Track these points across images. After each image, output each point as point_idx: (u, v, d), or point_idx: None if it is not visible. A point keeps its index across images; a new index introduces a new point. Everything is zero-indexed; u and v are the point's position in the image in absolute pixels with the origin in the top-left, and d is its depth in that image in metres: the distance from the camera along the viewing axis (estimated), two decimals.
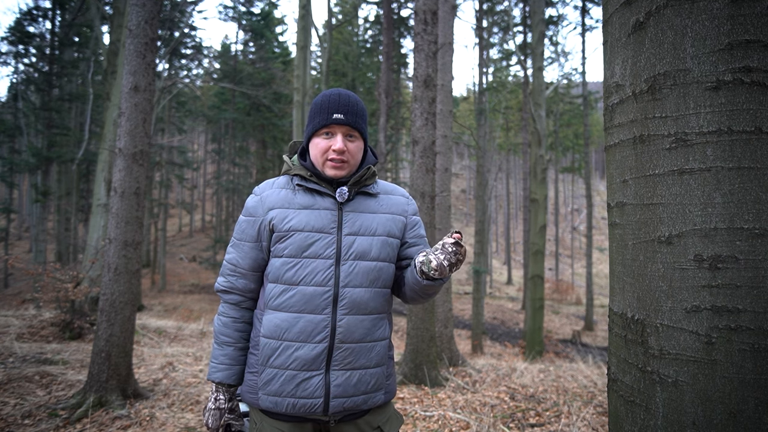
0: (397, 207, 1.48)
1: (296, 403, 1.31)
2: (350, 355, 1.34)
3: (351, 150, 1.40)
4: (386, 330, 1.43)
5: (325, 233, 1.35)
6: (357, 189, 1.43)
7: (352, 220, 1.39)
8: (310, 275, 1.33)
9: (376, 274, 1.38)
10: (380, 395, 1.40)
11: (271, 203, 1.40)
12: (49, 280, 6.57)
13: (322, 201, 1.39)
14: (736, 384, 0.91)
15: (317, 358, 1.31)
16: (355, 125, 1.40)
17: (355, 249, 1.36)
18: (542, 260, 10.28)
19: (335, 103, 1.39)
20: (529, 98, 10.95)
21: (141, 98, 3.97)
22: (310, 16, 12.87)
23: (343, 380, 1.32)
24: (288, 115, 23.80)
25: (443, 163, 6.33)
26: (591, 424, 3.59)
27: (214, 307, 19.28)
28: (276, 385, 1.32)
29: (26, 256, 23.72)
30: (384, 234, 1.41)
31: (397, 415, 1.50)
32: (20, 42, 18.79)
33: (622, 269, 1.11)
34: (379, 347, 1.39)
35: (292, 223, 1.36)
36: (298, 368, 1.31)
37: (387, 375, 1.44)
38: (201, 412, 3.88)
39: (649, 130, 1.02)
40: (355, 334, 1.34)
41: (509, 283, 29.53)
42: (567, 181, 55.28)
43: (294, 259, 1.34)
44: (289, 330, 1.32)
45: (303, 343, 1.31)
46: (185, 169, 28.84)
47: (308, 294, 1.33)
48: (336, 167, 1.39)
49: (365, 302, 1.36)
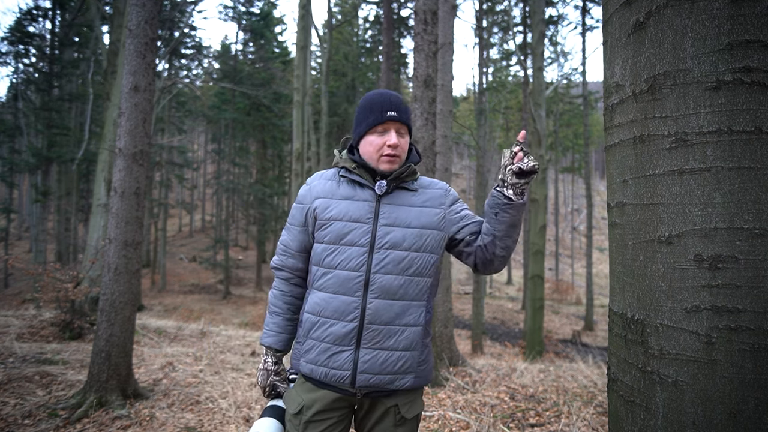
0: (434, 200, 1.55)
1: (328, 373, 1.44)
2: (378, 336, 1.43)
3: (402, 145, 1.52)
4: (420, 317, 1.48)
5: (361, 223, 1.46)
6: (397, 184, 1.52)
7: (389, 212, 1.48)
8: (346, 261, 1.45)
9: (408, 263, 1.45)
10: (409, 378, 1.46)
11: (317, 193, 1.54)
12: (49, 280, 6.56)
13: (362, 193, 1.51)
14: (736, 384, 0.91)
15: (348, 335, 1.43)
16: (406, 122, 1.53)
17: (389, 239, 1.45)
18: (542, 260, 10.28)
19: (387, 103, 1.51)
20: (529, 98, 10.95)
21: (141, 98, 3.96)
22: (310, 16, 12.86)
23: (370, 357, 1.42)
24: (288, 115, 23.80)
25: (443, 163, 6.33)
26: (591, 424, 3.59)
27: (214, 307, 19.27)
28: (313, 354, 1.46)
29: (26, 256, 23.71)
30: (418, 226, 1.48)
31: (422, 403, 1.57)
32: (20, 42, 18.79)
33: (622, 269, 1.11)
34: (409, 332, 1.45)
35: (333, 212, 1.49)
36: (331, 342, 1.44)
37: (420, 361, 1.49)
38: (201, 413, 3.89)
39: (649, 130, 1.02)
40: (383, 317, 1.43)
41: (509, 283, 29.52)
42: (567, 181, 55.26)
43: (333, 246, 1.47)
44: (326, 308, 1.46)
45: (337, 321, 1.44)
46: (185, 169, 28.83)
47: (343, 277, 1.45)
48: (390, 161, 1.50)
49: (395, 288, 1.44)
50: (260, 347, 6.61)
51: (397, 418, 1.48)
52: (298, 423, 1.47)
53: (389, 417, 1.48)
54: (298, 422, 1.47)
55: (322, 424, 1.46)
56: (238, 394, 4.31)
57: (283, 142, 27.06)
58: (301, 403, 1.48)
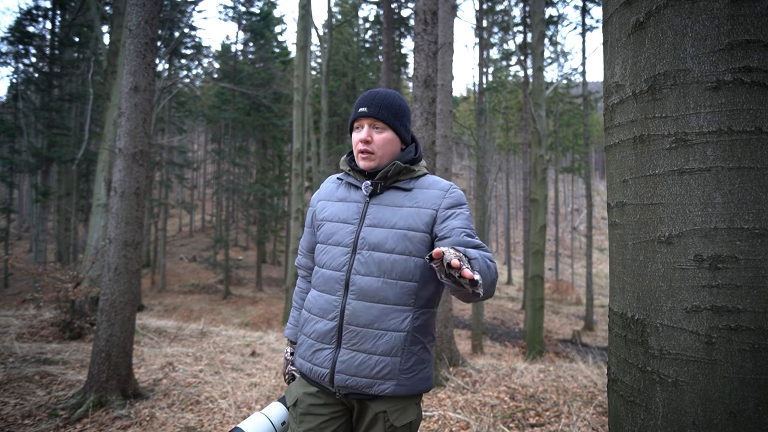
0: (428, 201, 1.45)
1: (312, 369, 1.47)
2: (356, 337, 1.42)
3: (377, 141, 1.48)
4: (404, 323, 1.40)
5: (348, 223, 1.48)
6: (388, 183, 1.49)
7: (375, 212, 1.47)
8: (330, 260, 1.48)
9: (390, 266, 1.41)
10: (390, 385, 1.39)
11: (320, 195, 1.62)
12: (49, 280, 6.56)
13: (355, 194, 1.52)
14: (736, 384, 0.91)
15: (328, 333, 1.45)
16: (378, 116, 1.47)
17: (370, 240, 1.43)
18: (542, 260, 10.28)
19: (363, 99, 1.51)
20: (529, 98, 10.95)
21: (141, 98, 3.96)
22: (310, 16, 12.86)
23: (347, 358, 1.41)
24: (288, 115, 23.80)
25: (443, 163, 6.33)
26: (591, 424, 3.59)
27: (214, 306, 19.27)
28: (302, 348, 1.52)
29: (26, 256, 23.72)
30: (404, 228, 1.42)
31: (416, 411, 1.48)
32: (20, 42, 18.78)
33: (622, 269, 1.11)
34: (389, 337, 1.40)
35: (326, 213, 1.54)
36: (315, 338, 1.48)
37: (405, 369, 1.41)
38: (201, 413, 3.89)
39: (649, 130, 1.02)
40: (361, 319, 1.41)
41: (509, 283, 29.51)
42: (567, 181, 55.26)
43: (323, 245, 1.52)
44: (314, 305, 1.50)
45: (320, 318, 1.47)
46: (185, 169, 28.84)
47: (327, 276, 1.48)
48: (363, 158, 1.48)
49: (374, 291, 1.41)
50: (260, 347, 6.62)
51: (386, 426, 1.43)
52: (296, 415, 1.52)
53: (378, 423, 1.44)
54: (295, 414, 1.52)
55: (315, 419, 1.48)
56: (238, 394, 4.31)
57: (283, 142, 27.06)
58: (296, 396, 1.52)
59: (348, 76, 24.61)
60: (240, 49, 27.15)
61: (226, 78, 24.91)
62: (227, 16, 25.71)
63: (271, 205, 25.24)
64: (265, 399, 4.21)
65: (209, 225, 37.24)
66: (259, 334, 8.06)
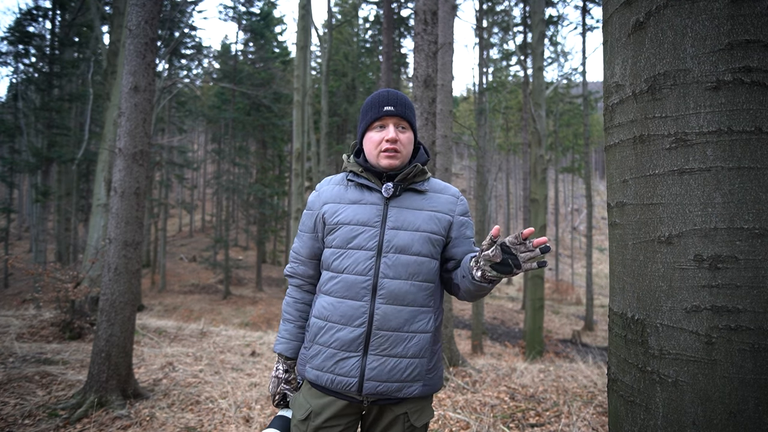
0: (444, 206, 1.51)
1: (334, 379, 1.41)
2: (386, 342, 1.39)
3: (402, 140, 1.48)
4: (429, 323, 1.45)
5: (369, 226, 1.44)
6: (405, 185, 1.48)
7: (396, 215, 1.45)
8: (353, 264, 1.42)
9: (416, 268, 1.43)
10: (417, 386, 1.42)
11: (325, 198, 1.52)
12: (49, 280, 6.56)
13: (370, 196, 1.48)
14: (736, 384, 0.91)
15: (355, 340, 1.40)
16: (404, 116, 1.48)
17: (396, 243, 1.42)
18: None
19: (385, 98, 1.48)
20: (529, 98, 10.95)
21: (141, 98, 3.96)
22: (310, 16, 12.86)
23: (378, 365, 1.39)
24: (288, 115, 23.80)
25: (443, 163, 6.33)
26: (591, 424, 3.59)
27: (214, 307, 19.27)
28: (319, 360, 1.44)
29: (26, 256, 23.72)
30: (427, 231, 1.45)
31: (432, 411, 1.54)
32: (20, 42, 18.77)
33: (622, 269, 1.11)
34: (418, 339, 1.42)
35: (340, 217, 1.46)
36: (338, 347, 1.41)
37: (429, 368, 1.45)
38: (201, 413, 3.89)
39: (649, 130, 1.02)
40: (392, 323, 1.40)
41: (509, 283, 29.51)
42: (567, 181, 55.24)
43: (340, 250, 1.45)
44: (333, 313, 1.43)
45: (344, 326, 1.41)
46: (185, 169, 28.85)
47: (350, 281, 1.42)
48: (389, 157, 1.46)
49: (403, 294, 1.41)
50: (260, 347, 6.61)
51: (406, 426, 1.45)
52: (306, 429, 1.44)
53: (398, 425, 1.45)
54: (305, 428, 1.45)
55: (331, 431, 1.44)
56: (238, 394, 4.31)
57: (283, 142, 27.07)
58: (309, 409, 1.45)
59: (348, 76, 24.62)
60: (240, 49, 27.16)
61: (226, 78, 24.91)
62: (227, 16, 25.72)
63: (271, 205, 25.23)
64: (265, 399, 4.21)
65: (209, 225, 37.24)
66: (259, 334, 8.06)
